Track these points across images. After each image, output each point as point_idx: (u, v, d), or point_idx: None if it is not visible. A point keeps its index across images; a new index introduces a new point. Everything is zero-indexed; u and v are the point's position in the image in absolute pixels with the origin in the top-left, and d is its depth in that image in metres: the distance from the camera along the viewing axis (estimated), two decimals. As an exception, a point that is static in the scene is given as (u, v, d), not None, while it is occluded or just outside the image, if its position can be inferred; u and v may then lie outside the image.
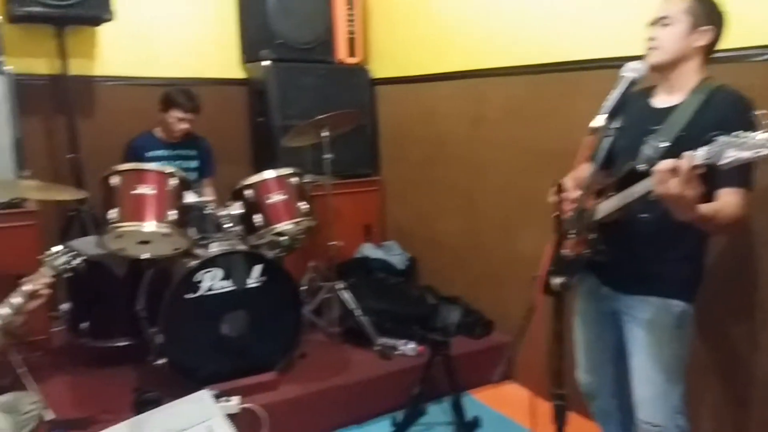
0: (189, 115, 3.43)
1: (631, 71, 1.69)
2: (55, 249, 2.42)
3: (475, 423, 2.83)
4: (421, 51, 3.85)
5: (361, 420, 2.91)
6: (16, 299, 2.20)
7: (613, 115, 1.66)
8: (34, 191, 2.79)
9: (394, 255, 4.06)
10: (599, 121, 1.65)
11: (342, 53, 4.16)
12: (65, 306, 2.97)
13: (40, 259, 2.41)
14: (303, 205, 3.00)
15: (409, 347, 3.17)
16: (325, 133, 3.27)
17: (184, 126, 3.45)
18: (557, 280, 1.55)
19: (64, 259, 2.40)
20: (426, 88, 3.83)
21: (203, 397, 1.90)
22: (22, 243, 2.95)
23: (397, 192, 4.26)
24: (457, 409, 2.74)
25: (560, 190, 1.57)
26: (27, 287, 2.24)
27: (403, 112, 4.10)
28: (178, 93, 3.41)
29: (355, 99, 4.07)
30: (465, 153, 3.58)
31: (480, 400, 3.12)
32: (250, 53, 4.09)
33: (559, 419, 1.64)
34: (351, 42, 4.17)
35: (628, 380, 1.95)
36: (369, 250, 4.09)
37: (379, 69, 4.26)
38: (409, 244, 4.13)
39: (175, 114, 3.40)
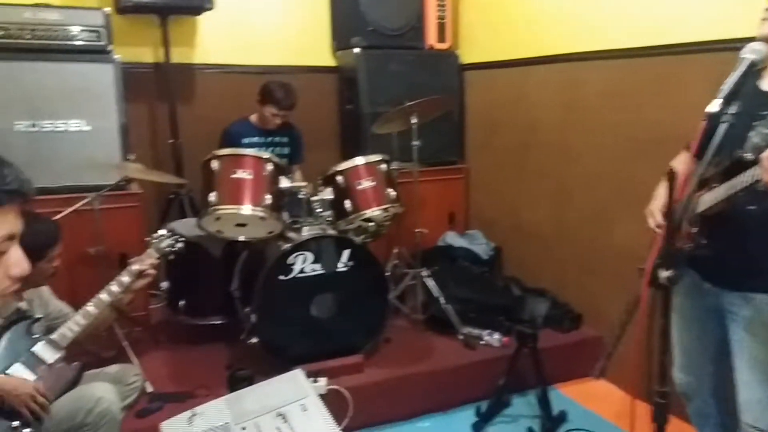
0: (283, 111, 3.52)
1: (752, 53, 1.57)
2: (160, 232, 2.55)
3: (562, 417, 2.77)
4: (512, 35, 3.77)
5: (445, 408, 2.91)
6: (124, 278, 2.34)
7: (729, 99, 1.56)
8: (138, 174, 2.95)
9: (478, 244, 4.01)
10: (715, 106, 1.55)
11: (432, 39, 4.12)
12: (164, 284, 3.12)
13: (146, 241, 2.55)
14: (391, 192, 3.01)
15: (494, 338, 3.14)
16: (413, 120, 3.26)
17: (278, 121, 3.54)
18: (665, 273, 1.48)
19: (168, 242, 2.53)
20: (517, 73, 3.74)
21: (297, 376, 1.95)
22: (126, 223, 3.14)
23: (483, 180, 4.20)
24: (544, 402, 2.69)
25: (672, 177, 1.48)
26: (135, 267, 2.38)
27: (493, 97, 4.03)
28: (276, 89, 3.49)
29: (444, 85, 4.03)
30: (557, 139, 3.47)
31: (567, 395, 3.04)
32: (340, 41, 4.13)
33: (661, 418, 1.57)
34: (441, 27, 4.13)
35: (731, 380, 1.85)
36: (452, 239, 4.06)
37: (469, 54, 4.20)
38: (494, 233, 4.07)
39: (271, 110, 3.50)
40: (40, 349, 2.06)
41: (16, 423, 1.88)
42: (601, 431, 2.71)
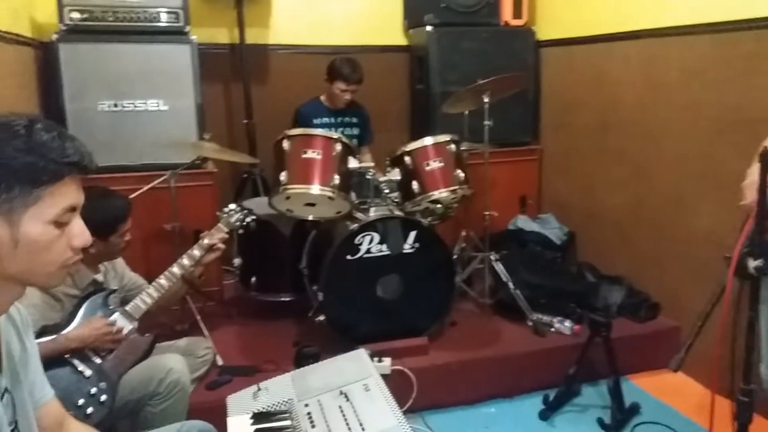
0: (352, 86, 3.51)
1: None
2: (230, 207, 2.62)
3: (635, 409, 2.67)
4: (592, 10, 3.59)
5: (512, 394, 2.85)
6: (195, 251, 2.42)
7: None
8: (213, 153, 3.02)
9: (551, 228, 3.89)
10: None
11: (507, 15, 3.99)
12: (237, 261, 3.20)
13: (217, 215, 2.62)
14: (459, 173, 2.95)
15: (565, 325, 3.04)
16: (485, 99, 3.17)
17: (348, 97, 3.54)
18: (754, 263, 1.36)
19: (237, 216, 2.59)
20: (596, 50, 3.57)
21: (361, 356, 1.94)
22: (200, 202, 3.23)
23: (558, 162, 4.05)
24: (616, 393, 2.59)
25: (766, 157, 1.36)
26: (205, 241, 2.45)
27: (570, 75, 3.87)
28: (342, 65, 3.50)
29: (519, 63, 3.91)
30: (637, 119, 3.30)
31: (641, 387, 2.92)
32: (412, 19, 4.07)
33: (744, 417, 1.47)
34: (517, 3, 3.98)
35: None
36: (524, 223, 3.95)
37: (546, 30, 4.04)
38: (568, 217, 3.93)
39: (339, 86, 3.50)
40: (116, 320, 2.15)
41: (93, 389, 1.98)
42: (676, 426, 2.58)
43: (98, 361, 2.06)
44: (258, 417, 1.68)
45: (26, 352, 1.24)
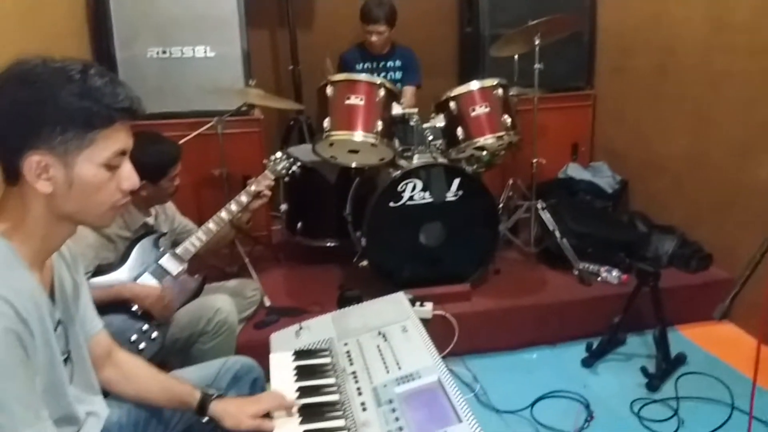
0: (378, 26, 3.43)
1: None
2: (277, 155, 2.65)
3: (681, 359, 2.64)
4: (653, -56, 3.38)
5: (554, 341, 2.85)
6: (242, 197, 2.48)
7: None
8: (259, 99, 3.04)
9: (603, 177, 3.78)
10: None
11: (562, -48, 3.79)
12: (283, 207, 3.25)
13: (264, 163, 2.66)
14: (506, 119, 2.88)
15: (612, 275, 2.99)
16: (536, 42, 3.06)
17: (375, 39, 3.46)
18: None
19: (284, 164, 2.63)
20: (656, -10, 3.37)
21: (400, 298, 1.97)
22: (248, 148, 3.28)
23: (613, 108, 3.90)
24: (662, 342, 2.56)
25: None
26: (252, 188, 2.50)
27: (628, 16, 3.67)
28: (367, 3, 3.43)
29: (574, 3, 3.74)
30: (700, 63, 3.12)
31: (688, 337, 2.86)
32: (462, -42, 3.93)
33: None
34: (573, -61, 3.78)
35: None
36: (575, 171, 3.86)
37: (603, -32, 3.83)
38: (621, 165, 3.80)
39: (365, 27, 3.44)
40: (166, 261, 2.24)
41: (145, 326, 2.08)
42: (722, 377, 2.52)
43: None
44: (299, 354, 1.74)
45: (77, 285, 1.31)
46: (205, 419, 1.43)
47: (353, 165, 2.96)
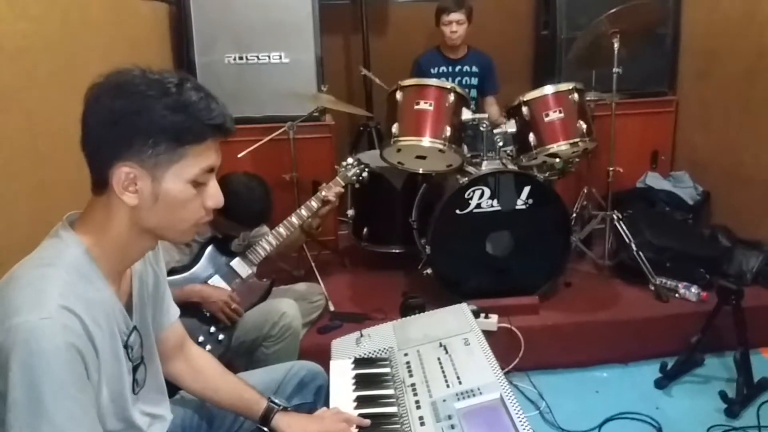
0: (457, 15, 3.38)
1: None
2: (348, 161, 2.67)
3: (764, 385, 2.46)
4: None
5: (626, 360, 2.73)
6: (313, 203, 2.51)
7: None
8: (331, 105, 3.08)
9: (684, 187, 3.61)
10: None
11: (645, -48, 3.64)
12: (350, 212, 3.28)
13: (335, 169, 2.69)
14: (582, 125, 2.77)
15: (691, 291, 2.83)
16: (615, 45, 2.94)
17: (455, 29, 3.41)
18: None
19: (354, 171, 2.65)
20: (747, -12, 3.17)
21: (463, 310, 1.93)
22: (318, 153, 3.33)
23: (697, 114, 3.70)
24: (744, 366, 2.41)
25: None
26: (322, 193, 2.53)
27: (716, 17, 3.47)
28: (447, 1, 3.40)
29: (657, 3, 3.55)
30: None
31: (774, 362, 2.68)
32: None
33: None
34: (657, -64, 3.61)
35: None
36: (654, 180, 3.70)
37: (689, -32, 3.65)
38: (704, 176, 3.61)
39: (444, 20, 3.40)
40: (237, 264, 2.30)
41: (213, 329, 2.14)
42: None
43: None
44: (359, 362, 1.73)
45: (158, 277, 1.32)
46: (266, 430, 1.42)
47: (420, 171, 2.94)
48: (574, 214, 3.28)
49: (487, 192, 2.69)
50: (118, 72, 1.04)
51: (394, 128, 2.75)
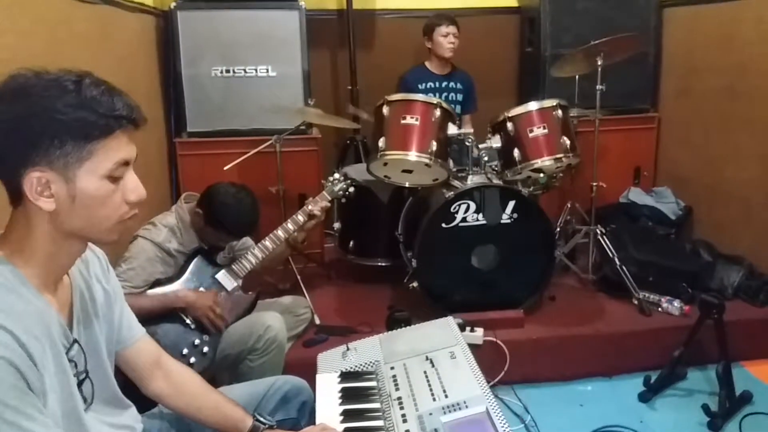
0: (452, 28, 3.47)
1: None
2: (335, 176, 2.68)
3: (745, 398, 2.49)
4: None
5: (610, 373, 2.75)
6: (299, 216, 2.51)
7: None
8: (317, 119, 3.09)
9: (666, 203, 3.66)
10: None
11: (627, -28, 3.72)
12: (336, 225, 3.27)
13: (322, 183, 2.69)
14: (565, 141, 2.81)
15: (674, 305, 2.87)
16: (599, 62, 2.99)
17: (452, 40, 3.49)
18: None
19: (341, 185, 2.65)
20: (727, 9, 3.26)
21: (449, 323, 1.94)
22: (305, 166, 3.34)
23: (678, 131, 3.77)
24: (726, 379, 2.43)
25: None
26: (309, 207, 2.53)
27: (696, 37, 3.56)
28: (440, 14, 3.50)
29: (639, 24, 3.66)
30: (771, 86, 2.98)
31: (754, 375, 2.72)
32: (523, -22, 3.91)
33: None
34: (640, -42, 3.70)
35: None
36: (637, 195, 3.75)
37: (670, -11, 3.73)
38: (686, 191, 3.67)
39: (440, 32, 3.48)
40: (222, 276, 2.29)
41: (197, 341, 2.13)
42: (793, 420, 2.38)
43: None
44: (345, 376, 1.73)
45: (108, 294, 1.29)
46: None
47: (407, 185, 2.95)
48: (558, 229, 3.30)
49: (473, 206, 2.71)
50: (12, 77, 1.01)
51: (381, 142, 2.77)
